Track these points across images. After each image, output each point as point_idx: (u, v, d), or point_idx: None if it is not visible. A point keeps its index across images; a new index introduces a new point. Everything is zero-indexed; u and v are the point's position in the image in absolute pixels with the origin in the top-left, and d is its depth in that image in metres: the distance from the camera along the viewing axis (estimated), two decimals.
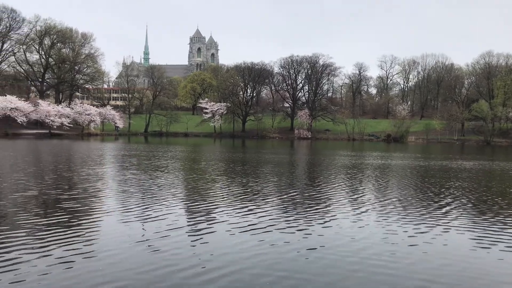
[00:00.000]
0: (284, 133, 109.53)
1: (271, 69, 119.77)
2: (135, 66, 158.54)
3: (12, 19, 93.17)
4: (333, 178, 18.82)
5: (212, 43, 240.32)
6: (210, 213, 10.45)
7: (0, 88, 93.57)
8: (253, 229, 8.81)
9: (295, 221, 9.67)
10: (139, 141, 68.76)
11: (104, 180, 16.29)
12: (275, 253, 7.23)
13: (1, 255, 6.71)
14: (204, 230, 8.67)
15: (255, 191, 14.17)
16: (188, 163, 26.29)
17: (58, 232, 8.16)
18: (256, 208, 11.22)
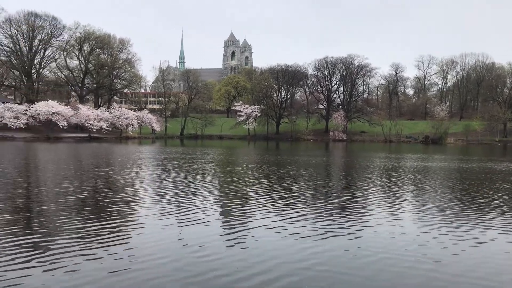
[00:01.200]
0: (318, 135, 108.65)
1: (305, 71, 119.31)
2: (171, 70, 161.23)
3: (53, 26, 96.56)
4: (370, 180, 18.40)
5: (246, 46, 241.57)
6: (249, 216, 10.34)
7: (42, 93, 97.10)
8: (292, 233, 8.63)
9: (333, 223, 9.45)
10: (176, 144, 69.67)
11: (149, 183, 16.45)
12: (315, 254, 7.06)
13: (51, 258, 6.81)
14: (244, 234, 8.56)
15: (291, 193, 13.99)
16: (226, 165, 26.33)
17: (103, 235, 8.24)
18: (293, 211, 11.05)
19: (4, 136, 76.45)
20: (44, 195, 12.89)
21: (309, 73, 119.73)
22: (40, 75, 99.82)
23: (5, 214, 9.93)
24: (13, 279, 5.84)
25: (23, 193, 13.44)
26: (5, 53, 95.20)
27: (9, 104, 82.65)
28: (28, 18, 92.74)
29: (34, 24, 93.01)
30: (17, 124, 79.90)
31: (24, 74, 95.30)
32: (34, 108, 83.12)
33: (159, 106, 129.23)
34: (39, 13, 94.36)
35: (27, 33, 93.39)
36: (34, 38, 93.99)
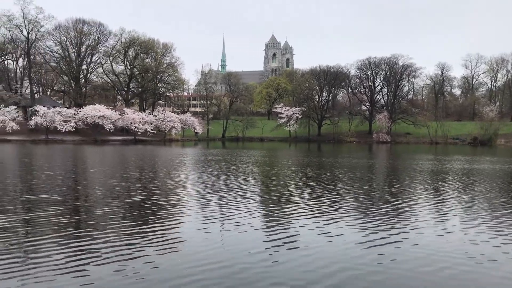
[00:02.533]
0: (361, 137, 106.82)
1: (347, 72, 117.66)
2: (213, 73, 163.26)
3: (100, 32, 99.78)
4: (421, 183, 17.76)
5: (287, 48, 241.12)
6: (293, 219, 10.12)
7: (90, 97, 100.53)
8: (330, 235, 8.36)
9: (376, 228, 9.09)
10: (217, 146, 70.33)
11: (198, 185, 16.50)
12: (373, 259, 6.77)
13: (101, 257, 6.89)
14: (288, 238, 8.36)
15: (335, 196, 13.67)
16: (272, 168, 26.14)
17: (151, 237, 8.27)
18: (334, 212, 10.78)
19: (54, 139, 79.61)
20: (95, 198, 13.16)
21: (351, 74, 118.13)
22: (88, 80, 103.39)
23: (58, 217, 10.18)
24: (67, 280, 5.93)
25: (74, 195, 13.81)
26: (55, 59, 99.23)
27: (59, 108, 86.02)
28: (76, 25, 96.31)
29: (82, 30, 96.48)
30: (66, 128, 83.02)
31: (72, 79, 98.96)
32: (82, 111, 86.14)
33: (201, 109, 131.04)
34: (87, 20, 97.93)
35: (75, 39, 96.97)
36: (82, 44, 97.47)
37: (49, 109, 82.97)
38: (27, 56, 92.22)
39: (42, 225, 9.18)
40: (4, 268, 6.35)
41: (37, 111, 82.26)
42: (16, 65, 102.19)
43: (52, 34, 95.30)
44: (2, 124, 78.47)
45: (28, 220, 9.68)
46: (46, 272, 6.21)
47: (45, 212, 10.55)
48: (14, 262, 6.67)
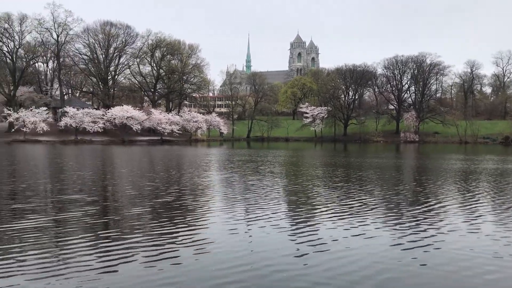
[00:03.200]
0: (388, 137, 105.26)
1: (374, 71, 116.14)
2: (238, 74, 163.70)
3: (127, 34, 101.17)
4: (449, 183, 17.30)
5: (313, 47, 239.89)
6: (323, 221, 9.95)
7: (118, 98, 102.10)
8: (361, 237, 8.16)
9: (410, 229, 8.82)
10: (243, 146, 70.43)
11: (228, 185, 16.51)
12: (379, 258, 6.56)
13: (130, 258, 6.91)
14: (318, 240, 8.21)
15: (365, 197, 13.41)
16: (300, 168, 25.93)
17: (180, 236, 8.26)
18: (365, 214, 10.56)
19: (83, 140, 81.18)
20: (125, 198, 13.30)
21: (378, 72, 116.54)
22: (116, 81, 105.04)
23: (88, 217, 10.30)
24: (97, 280, 5.96)
25: (105, 195, 13.97)
26: (83, 61, 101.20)
27: (88, 110, 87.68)
28: (104, 27, 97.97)
29: (110, 33, 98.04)
30: (95, 128, 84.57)
31: (100, 80, 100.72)
32: (110, 112, 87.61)
33: (227, 109, 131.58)
34: (114, 22, 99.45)
35: (103, 41, 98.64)
36: (109, 46, 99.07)
37: (78, 110, 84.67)
38: (57, 59, 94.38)
39: (73, 225, 9.29)
40: (36, 268, 6.43)
41: (67, 112, 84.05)
42: (47, 68, 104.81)
43: (81, 36, 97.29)
44: (33, 125, 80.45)
45: (60, 220, 9.82)
46: (76, 272, 6.26)
47: (76, 213, 10.69)
48: (45, 262, 6.75)
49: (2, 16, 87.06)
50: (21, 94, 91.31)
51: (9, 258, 6.89)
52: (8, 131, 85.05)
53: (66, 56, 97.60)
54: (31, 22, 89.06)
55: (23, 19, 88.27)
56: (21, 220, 9.70)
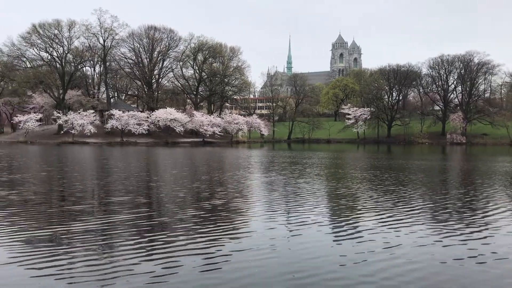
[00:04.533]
0: (434, 138, 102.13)
1: (418, 71, 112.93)
2: (278, 75, 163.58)
3: (170, 38, 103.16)
4: (503, 187, 16.44)
5: (355, 48, 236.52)
6: (375, 227, 9.64)
7: (161, 101, 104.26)
8: (397, 244, 7.81)
9: (454, 235, 8.39)
10: (284, 147, 70.20)
11: (277, 188, 16.37)
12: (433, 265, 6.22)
13: (168, 256, 6.93)
14: (353, 241, 7.95)
15: (416, 201, 12.93)
16: (348, 171, 25.47)
17: (223, 239, 8.22)
18: (405, 218, 10.16)
19: (128, 141, 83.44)
20: (173, 200, 13.39)
21: (423, 72, 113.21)
22: (159, 85, 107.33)
23: (137, 220, 10.43)
24: (143, 281, 6.00)
25: (154, 197, 14.18)
26: (129, 65, 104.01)
27: (133, 112, 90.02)
28: (148, 31, 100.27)
29: (154, 37, 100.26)
30: (139, 130, 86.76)
31: (145, 83, 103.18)
32: (154, 115, 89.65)
33: (267, 111, 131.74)
34: (158, 27, 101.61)
35: (147, 45, 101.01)
36: (153, 50, 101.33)
37: (124, 113, 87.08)
38: (104, 63, 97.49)
39: (121, 228, 9.40)
40: (82, 271, 6.51)
41: (113, 114, 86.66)
42: (94, 72, 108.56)
43: (126, 41, 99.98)
44: (81, 127, 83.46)
45: (108, 223, 9.95)
46: (124, 276, 6.30)
47: (124, 215, 10.83)
48: (92, 264, 6.85)
49: (52, 22, 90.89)
50: (69, 97, 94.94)
51: (57, 260, 7.01)
52: (58, 133, 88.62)
53: (112, 60, 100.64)
54: (79, 28, 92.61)
55: (72, 25, 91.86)
56: (70, 222, 9.94)
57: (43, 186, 16.66)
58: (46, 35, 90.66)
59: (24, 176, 20.35)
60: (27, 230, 9.06)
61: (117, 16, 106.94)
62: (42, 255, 7.26)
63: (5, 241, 8.18)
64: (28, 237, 8.51)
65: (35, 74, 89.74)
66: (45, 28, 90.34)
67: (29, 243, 8.07)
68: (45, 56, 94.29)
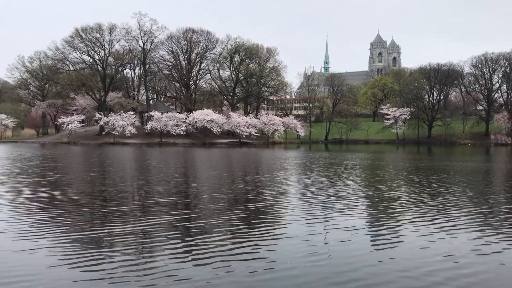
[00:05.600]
0: (477, 139, 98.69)
1: (460, 70, 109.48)
2: (315, 75, 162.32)
3: (208, 40, 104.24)
4: None
5: (394, 47, 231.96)
6: (398, 226, 9.36)
7: (199, 102, 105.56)
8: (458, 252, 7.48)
9: (497, 240, 8.01)
10: (321, 148, 69.58)
11: (321, 190, 16.17)
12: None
13: (204, 255, 6.94)
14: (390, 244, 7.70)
15: (467, 205, 12.47)
16: (393, 173, 24.88)
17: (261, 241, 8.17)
18: (461, 224, 9.78)
19: (167, 142, 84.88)
20: (216, 202, 13.46)
21: (465, 71, 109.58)
22: (197, 86, 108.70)
23: (180, 222, 10.51)
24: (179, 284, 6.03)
25: (195, 198, 14.29)
26: (167, 67, 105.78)
27: (171, 113, 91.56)
28: (187, 34, 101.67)
29: (192, 39, 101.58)
30: (178, 131, 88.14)
31: (183, 85, 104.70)
32: (192, 116, 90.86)
33: (304, 112, 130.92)
34: (196, 29, 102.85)
35: (185, 48, 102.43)
36: (191, 52, 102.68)
37: (163, 114, 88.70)
38: (143, 65, 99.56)
39: (163, 230, 9.47)
40: (122, 275, 6.60)
41: (152, 116, 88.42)
42: (134, 74, 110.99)
43: (165, 43, 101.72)
44: (122, 128, 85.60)
45: (150, 225, 10.06)
46: (163, 277, 6.35)
47: (167, 217, 10.95)
48: (131, 265, 6.96)
49: (94, 26, 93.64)
50: (110, 99, 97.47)
51: (96, 264, 7.07)
52: (99, 134, 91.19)
53: (152, 62, 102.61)
54: (120, 32, 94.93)
55: (113, 28, 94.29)
56: (113, 224, 10.12)
57: (88, 187, 17.12)
58: (88, 39, 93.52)
59: (69, 177, 21.00)
60: (72, 232, 9.29)
61: (156, 19, 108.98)
62: (85, 257, 7.43)
63: (51, 243, 8.40)
64: (72, 238, 8.72)
65: (78, 76, 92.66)
66: (87, 32, 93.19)
67: (73, 244, 8.26)
68: (87, 59, 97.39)
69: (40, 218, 10.67)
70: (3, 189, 15.96)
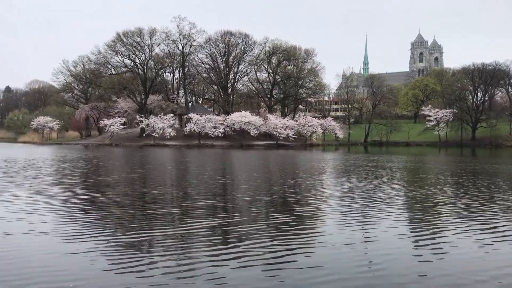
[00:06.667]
0: None
1: (507, 69, 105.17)
2: (354, 76, 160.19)
3: (245, 43, 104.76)
4: None
5: (436, 46, 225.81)
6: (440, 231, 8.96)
7: (236, 105, 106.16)
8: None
9: None
10: (360, 150, 68.51)
11: (370, 194, 15.91)
12: None
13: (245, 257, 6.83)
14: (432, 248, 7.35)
15: (509, 210, 11.90)
16: (442, 176, 24.13)
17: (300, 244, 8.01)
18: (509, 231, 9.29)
19: (205, 144, 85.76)
20: (260, 206, 13.39)
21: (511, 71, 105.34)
22: (235, 88, 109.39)
23: (224, 226, 10.49)
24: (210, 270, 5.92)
25: (238, 201, 14.29)
26: (205, 70, 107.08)
27: (209, 116, 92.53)
28: (225, 37, 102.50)
29: (229, 42, 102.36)
30: (216, 133, 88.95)
31: (221, 88, 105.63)
32: (230, 118, 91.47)
33: (342, 113, 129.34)
34: (234, 32, 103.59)
35: (223, 51, 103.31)
36: (229, 55, 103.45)
37: (201, 117, 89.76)
38: (182, 68, 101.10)
39: (202, 234, 9.48)
40: (160, 274, 6.61)
41: (191, 118, 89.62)
42: (173, 77, 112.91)
43: (204, 47, 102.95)
44: (161, 130, 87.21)
45: (192, 228, 10.09)
46: (200, 283, 6.30)
47: (208, 220, 10.95)
48: (170, 266, 7.01)
49: (135, 31, 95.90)
50: (151, 102, 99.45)
51: (135, 271, 7.06)
52: (140, 136, 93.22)
53: (190, 66, 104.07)
54: (160, 35, 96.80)
55: (153, 33, 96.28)
56: (155, 227, 10.20)
57: (131, 188, 17.46)
58: (129, 43, 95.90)
59: (113, 178, 21.47)
60: (115, 235, 9.42)
61: (194, 23, 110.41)
62: (124, 259, 7.49)
63: (96, 246, 8.53)
64: (115, 241, 8.82)
65: (119, 80, 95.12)
66: (128, 36, 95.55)
67: (116, 247, 8.35)
68: (129, 63, 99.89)
69: (85, 220, 10.90)
70: (50, 190, 16.46)
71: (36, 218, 10.88)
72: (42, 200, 13.75)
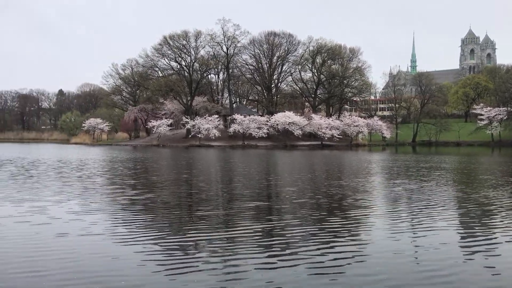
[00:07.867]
0: None
1: None
2: (401, 75, 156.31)
3: (289, 43, 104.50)
4: None
5: (488, 43, 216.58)
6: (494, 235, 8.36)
7: (280, 105, 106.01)
8: None
9: None
10: (407, 151, 66.67)
11: (423, 196, 15.36)
12: None
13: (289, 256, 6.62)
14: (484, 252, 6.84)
15: None
16: (505, 178, 23.13)
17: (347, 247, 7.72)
18: None
19: (249, 144, 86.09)
20: (304, 205, 13.17)
21: None
22: (278, 89, 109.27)
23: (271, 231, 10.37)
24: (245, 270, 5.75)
25: (291, 204, 14.13)
26: (249, 71, 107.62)
27: (253, 116, 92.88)
28: (268, 37, 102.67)
29: (273, 42, 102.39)
30: (259, 134, 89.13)
31: (265, 88, 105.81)
32: (274, 119, 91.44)
33: (389, 113, 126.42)
34: (277, 32, 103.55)
35: (267, 51, 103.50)
36: (273, 56, 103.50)
37: (245, 117, 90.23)
38: (227, 70, 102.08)
39: (251, 237, 9.36)
40: (207, 275, 6.52)
41: (235, 119, 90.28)
42: (218, 79, 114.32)
43: (248, 48, 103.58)
44: (207, 131, 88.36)
45: (242, 231, 10.00)
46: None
47: (257, 223, 10.84)
48: (216, 268, 6.94)
49: (181, 34, 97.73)
50: (196, 103, 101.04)
51: (183, 272, 6.99)
52: (186, 137, 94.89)
53: (235, 67, 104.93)
54: (205, 38, 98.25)
55: (198, 35, 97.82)
56: (204, 229, 10.17)
57: (179, 189, 17.67)
58: (175, 46, 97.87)
59: (162, 179, 21.83)
60: (165, 237, 9.44)
61: (239, 24, 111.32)
62: (172, 260, 7.47)
63: (145, 248, 8.57)
64: (164, 244, 8.84)
65: (166, 82, 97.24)
66: (174, 39, 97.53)
67: (165, 250, 8.36)
68: (175, 65, 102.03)
69: (135, 221, 11.03)
70: (101, 191, 16.87)
71: (88, 219, 11.11)
72: (94, 201, 14.07)
